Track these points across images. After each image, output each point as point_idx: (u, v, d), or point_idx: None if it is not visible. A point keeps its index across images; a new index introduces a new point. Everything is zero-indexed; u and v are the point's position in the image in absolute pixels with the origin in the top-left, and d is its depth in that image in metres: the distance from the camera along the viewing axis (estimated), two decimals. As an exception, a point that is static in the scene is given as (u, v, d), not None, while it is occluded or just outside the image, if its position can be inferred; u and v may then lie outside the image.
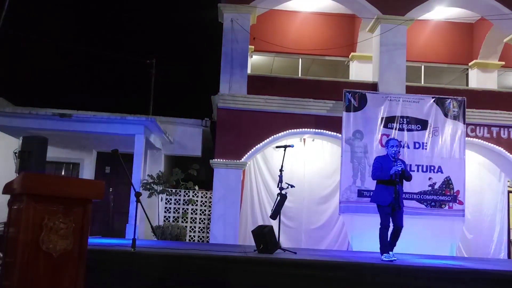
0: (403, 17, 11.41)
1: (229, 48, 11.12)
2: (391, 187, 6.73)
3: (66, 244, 3.55)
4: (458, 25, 13.43)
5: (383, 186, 6.84)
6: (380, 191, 6.88)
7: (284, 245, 8.44)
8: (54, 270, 3.49)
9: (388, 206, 6.74)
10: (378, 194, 6.94)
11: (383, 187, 6.83)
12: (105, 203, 12.30)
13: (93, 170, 12.77)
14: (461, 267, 6.27)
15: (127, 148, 10.70)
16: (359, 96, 10.50)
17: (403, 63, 11.32)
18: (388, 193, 6.74)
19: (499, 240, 11.65)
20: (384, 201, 6.76)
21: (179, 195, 12.03)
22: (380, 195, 6.87)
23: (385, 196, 6.77)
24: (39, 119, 10.81)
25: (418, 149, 10.28)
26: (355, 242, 10.13)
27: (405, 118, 10.45)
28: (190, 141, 13.14)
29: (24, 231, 3.38)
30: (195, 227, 11.98)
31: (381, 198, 6.82)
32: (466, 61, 13.58)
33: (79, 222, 3.65)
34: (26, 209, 3.40)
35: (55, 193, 3.51)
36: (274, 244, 7.13)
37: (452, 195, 10.27)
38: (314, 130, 11.04)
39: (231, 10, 11.28)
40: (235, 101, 10.90)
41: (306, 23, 13.40)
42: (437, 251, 9.52)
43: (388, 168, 6.77)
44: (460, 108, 10.59)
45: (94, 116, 11.20)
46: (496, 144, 11.11)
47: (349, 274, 5.67)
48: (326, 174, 11.86)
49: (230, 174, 10.73)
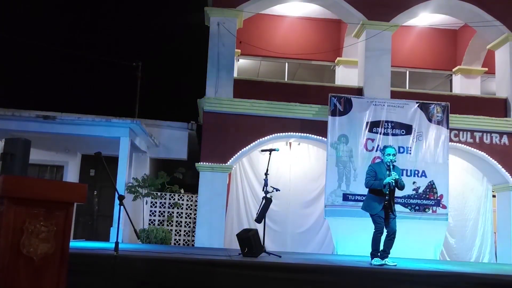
0: (388, 23, 11.53)
1: (215, 52, 11.11)
2: (383, 197, 6.74)
3: (47, 247, 3.51)
4: (442, 31, 13.62)
5: (375, 195, 6.83)
6: (372, 199, 6.88)
7: (269, 248, 8.45)
8: (35, 274, 3.45)
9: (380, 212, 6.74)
10: (369, 202, 6.93)
11: (374, 196, 6.83)
12: (89, 206, 12.20)
13: (77, 173, 12.65)
14: (445, 270, 6.33)
15: (112, 151, 10.62)
16: (344, 100, 10.57)
17: (388, 68, 11.43)
18: (379, 202, 6.76)
19: (482, 244, 11.77)
20: (375, 210, 6.78)
21: (165, 198, 11.97)
22: (371, 203, 6.86)
23: (375, 205, 6.78)
24: (22, 121, 10.68)
25: (402, 154, 10.37)
26: (340, 245, 10.17)
27: (389, 122, 10.55)
28: (176, 144, 13.10)
29: (4, 235, 3.34)
30: (180, 231, 11.92)
31: (372, 207, 6.82)
32: (450, 67, 13.76)
33: (61, 225, 3.61)
34: (6, 213, 3.35)
35: (36, 196, 3.47)
36: (259, 247, 7.13)
37: (436, 199, 10.37)
38: (300, 134, 11.07)
39: (217, 13, 11.28)
40: (221, 104, 10.89)
41: (292, 28, 13.47)
42: (420, 255, 9.61)
43: (382, 177, 6.75)
44: (443, 113, 10.73)
45: (79, 118, 11.10)
46: (479, 149, 11.25)
47: (334, 278, 5.69)
48: (312, 178, 11.89)
49: (216, 178, 10.70)
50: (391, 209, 6.78)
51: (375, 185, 6.79)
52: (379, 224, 6.75)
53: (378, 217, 6.76)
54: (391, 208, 6.78)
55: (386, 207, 6.76)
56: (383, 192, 6.73)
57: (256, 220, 7.78)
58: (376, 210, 6.76)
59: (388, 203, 6.77)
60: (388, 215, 6.77)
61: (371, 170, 6.96)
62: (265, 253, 7.30)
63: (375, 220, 6.79)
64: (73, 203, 3.74)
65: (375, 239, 6.77)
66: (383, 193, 6.73)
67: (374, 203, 6.82)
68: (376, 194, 6.82)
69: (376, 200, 6.80)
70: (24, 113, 11.08)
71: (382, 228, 6.75)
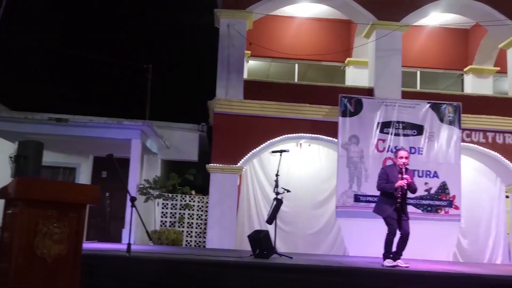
0: (399, 22, 11.47)
1: (225, 54, 11.13)
2: (394, 200, 6.71)
3: (60, 249, 3.54)
4: (453, 30, 13.51)
5: (386, 198, 6.80)
6: (383, 202, 6.85)
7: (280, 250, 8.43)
8: (48, 275, 3.48)
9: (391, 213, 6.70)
10: (380, 205, 6.91)
11: (386, 199, 6.81)
12: (101, 207, 12.28)
13: (89, 174, 12.75)
14: (457, 272, 6.28)
15: (123, 152, 10.69)
16: (355, 101, 10.53)
17: (399, 69, 11.37)
18: (390, 205, 6.73)
19: (495, 245, 11.63)
20: (386, 212, 6.75)
21: (176, 200, 12.01)
22: (382, 206, 6.84)
23: (387, 208, 6.76)
24: (35, 123, 10.80)
25: (414, 154, 10.28)
26: (352, 247, 10.12)
27: (401, 123, 10.49)
28: (187, 146, 13.15)
29: (18, 236, 3.37)
30: (191, 232, 11.96)
31: (383, 209, 6.80)
32: (461, 66, 13.65)
33: (74, 226, 3.65)
34: (20, 214, 3.39)
35: (49, 198, 3.51)
36: (270, 249, 7.12)
37: (448, 200, 10.29)
38: (310, 135, 11.05)
39: (227, 15, 11.31)
40: (231, 106, 10.92)
41: (302, 29, 13.45)
42: (433, 256, 9.53)
43: (394, 180, 6.71)
44: (455, 113, 10.64)
45: (91, 120, 11.20)
46: (491, 149, 11.15)
47: (345, 279, 5.68)
48: (323, 178, 11.86)
49: (226, 179, 10.72)
50: (403, 211, 6.75)
51: (387, 188, 6.76)
52: (392, 226, 6.70)
53: (391, 218, 6.72)
54: (403, 210, 6.75)
55: (398, 209, 6.73)
56: (394, 195, 6.69)
57: (267, 221, 7.78)
58: (387, 212, 6.73)
59: (400, 205, 6.73)
60: (400, 217, 6.74)
61: (383, 173, 6.93)
62: (276, 254, 7.30)
63: (387, 222, 6.75)
64: (85, 205, 3.78)
65: (388, 241, 6.73)
66: (395, 196, 6.69)
67: (385, 206, 6.79)
68: (387, 197, 6.79)
69: (388, 203, 6.77)
70: (37, 116, 11.21)
71: (395, 229, 6.71)
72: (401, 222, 6.72)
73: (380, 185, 6.88)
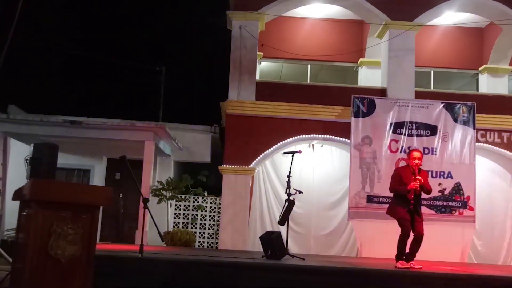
0: (412, 22, 11.39)
1: (237, 55, 11.16)
2: (407, 201, 6.68)
3: (74, 250, 3.59)
4: (468, 30, 13.36)
5: (399, 199, 6.78)
6: (396, 204, 6.84)
7: (293, 251, 8.44)
8: (62, 275, 3.53)
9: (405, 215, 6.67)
10: (393, 207, 6.89)
11: (399, 201, 6.79)
12: (115, 209, 12.38)
13: (103, 176, 12.86)
14: (471, 274, 6.22)
15: (137, 154, 10.76)
16: (367, 101, 10.47)
17: (412, 69, 11.28)
18: (403, 206, 6.71)
19: (510, 246, 11.48)
20: (398, 214, 6.72)
21: (189, 201, 12.07)
22: (395, 208, 6.82)
23: (400, 209, 6.73)
24: (50, 126, 10.93)
25: (427, 155, 10.19)
26: (364, 248, 10.07)
27: (414, 123, 10.41)
28: (199, 148, 13.20)
29: (33, 237, 3.43)
30: (204, 233, 12.00)
31: (396, 211, 6.77)
32: (476, 66, 13.49)
33: (87, 228, 3.70)
34: (34, 216, 3.45)
35: (63, 199, 3.56)
36: (282, 250, 7.12)
37: (463, 201, 10.18)
38: (323, 136, 11.03)
39: (239, 17, 11.34)
40: (243, 107, 10.94)
41: (314, 29, 13.42)
42: (447, 258, 9.43)
43: (408, 181, 6.69)
44: (470, 113, 10.53)
45: (104, 122, 11.29)
46: (506, 149, 11.01)
47: (358, 280, 5.66)
48: (335, 179, 11.81)
49: (239, 180, 10.74)
50: (417, 212, 6.71)
51: (400, 190, 6.74)
52: (405, 227, 6.66)
53: (404, 220, 6.67)
54: (417, 211, 6.71)
55: (412, 211, 6.69)
56: (407, 197, 6.66)
57: (279, 223, 7.77)
58: (400, 214, 6.70)
59: (413, 207, 6.69)
60: (414, 218, 6.69)
61: (396, 174, 6.92)
62: (289, 255, 7.29)
63: (401, 223, 6.71)
64: (99, 206, 3.82)
65: (401, 242, 6.69)
66: (408, 198, 6.66)
67: (398, 207, 6.77)
68: (401, 198, 6.76)
69: (401, 204, 6.74)
70: (52, 118, 11.34)
71: (408, 231, 6.66)
72: (414, 224, 6.67)
73: (393, 187, 6.86)
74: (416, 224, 6.67)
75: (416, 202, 6.73)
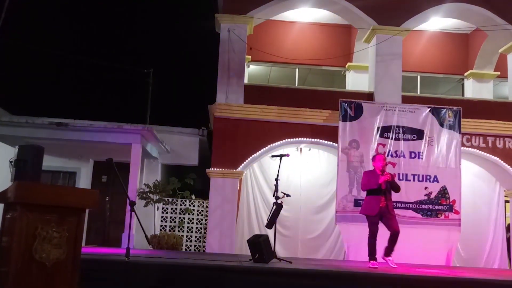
0: (399, 27, 11.50)
1: (226, 58, 11.16)
2: (380, 196, 7.01)
3: (59, 253, 3.54)
4: (454, 35, 13.53)
5: (372, 196, 7.11)
6: (369, 201, 7.15)
7: (280, 254, 8.43)
8: (47, 279, 3.48)
9: (375, 216, 7.01)
10: (367, 204, 7.21)
11: (372, 197, 7.11)
12: (101, 212, 12.28)
13: (89, 179, 12.75)
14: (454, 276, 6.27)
15: (124, 157, 10.70)
16: (355, 105, 10.54)
17: (399, 73, 11.39)
18: (376, 202, 7.01)
19: (492, 250, 11.60)
20: (372, 211, 7.03)
21: (176, 204, 12.01)
22: (368, 205, 7.14)
23: (373, 206, 7.04)
24: (35, 128, 10.81)
25: (414, 159, 10.30)
26: (352, 251, 10.10)
27: (401, 127, 10.50)
28: (187, 150, 13.16)
29: (17, 240, 3.37)
30: (191, 237, 11.95)
31: (370, 208, 7.09)
32: (461, 71, 13.67)
33: (73, 231, 3.64)
34: (19, 218, 3.39)
35: (48, 202, 3.51)
36: (269, 253, 7.12)
37: (448, 205, 10.28)
38: (311, 139, 11.06)
39: (228, 20, 11.34)
40: (231, 110, 10.93)
41: (302, 33, 13.48)
42: (433, 261, 9.51)
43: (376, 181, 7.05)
44: (455, 118, 10.64)
45: (91, 125, 11.21)
46: (491, 154, 11.15)
47: (345, 283, 5.66)
48: (323, 183, 11.85)
49: (226, 183, 10.72)
50: (388, 210, 7.03)
51: (371, 184, 7.06)
52: (372, 229, 7.02)
53: (372, 222, 7.02)
54: (387, 209, 7.03)
55: (383, 209, 7.00)
56: (380, 191, 6.98)
57: (267, 226, 7.77)
58: (374, 211, 6.99)
59: (385, 207, 7.01)
60: (386, 216, 7.00)
61: (364, 177, 7.36)
62: (276, 259, 7.29)
63: (369, 223, 7.07)
64: (85, 209, 3.77)
65: (369, 243, 7.04)
66: (380, 192, 6.98)
67: (371, 203, 7.09)
68: (373, 194, 7.08)
69: (374, 200, 7.06)
70: (37, 120, 11.21)
71: (375, 231, 7.02)
72: (388, 222, 6.96)
73: (365, 185, 7.22)
74: (390, 222, 6.99)
75: (386, 200, 7.04)
